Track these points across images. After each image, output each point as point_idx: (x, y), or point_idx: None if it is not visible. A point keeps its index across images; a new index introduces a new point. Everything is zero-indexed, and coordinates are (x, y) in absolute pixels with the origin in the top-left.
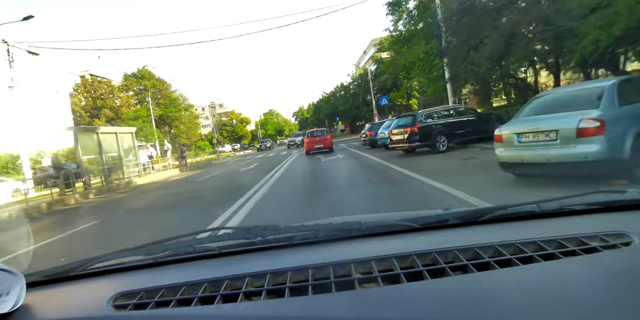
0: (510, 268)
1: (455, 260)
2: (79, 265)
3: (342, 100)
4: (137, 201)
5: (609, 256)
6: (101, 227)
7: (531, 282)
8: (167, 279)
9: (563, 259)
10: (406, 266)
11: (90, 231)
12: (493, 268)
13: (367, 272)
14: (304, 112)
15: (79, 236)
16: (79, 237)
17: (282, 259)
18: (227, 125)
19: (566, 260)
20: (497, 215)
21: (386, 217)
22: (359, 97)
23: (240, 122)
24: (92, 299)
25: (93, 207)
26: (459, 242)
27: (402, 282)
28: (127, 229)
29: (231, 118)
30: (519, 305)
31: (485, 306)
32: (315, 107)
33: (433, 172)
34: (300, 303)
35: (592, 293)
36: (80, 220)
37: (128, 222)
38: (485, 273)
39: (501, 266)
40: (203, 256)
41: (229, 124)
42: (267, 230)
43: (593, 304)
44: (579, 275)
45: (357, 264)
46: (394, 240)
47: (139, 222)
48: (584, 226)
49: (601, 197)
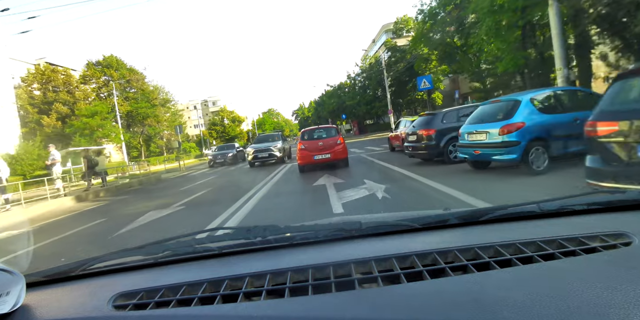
0: (510, 268)
1: (455, 260)
2: (79, 265)
3: (349, 95)
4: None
5: (609, 256)
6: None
7: (531, 282)
8: (167, 279)
9: (563, 259)
10: (406, 266)
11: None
12: (493, 268)
13: (367, 272)
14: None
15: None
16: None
17: (282, 259)
18: (218, 125)
19: (566, 260)
20: (497, 215)
21: (386, 217)
22: (369, 90)
23: (233, 121)
24: (92, 299)
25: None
26: (459, 242)
27: (402, 282)
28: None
29: (222, 116)
30: (519, 305)
31: (485, 306)
32: (316, 104)
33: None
34: (300, 303)
35: (592, 293)
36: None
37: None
38: (485, 273)
39: (501, 266)
40: (203, 256)
41: (219, 123)
42: (267, 231)
43: (593, 304)
44: (579, 275)
45: (357, 264)
46: (394, 240)
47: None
48: (584, 226)
49: (601, 197)
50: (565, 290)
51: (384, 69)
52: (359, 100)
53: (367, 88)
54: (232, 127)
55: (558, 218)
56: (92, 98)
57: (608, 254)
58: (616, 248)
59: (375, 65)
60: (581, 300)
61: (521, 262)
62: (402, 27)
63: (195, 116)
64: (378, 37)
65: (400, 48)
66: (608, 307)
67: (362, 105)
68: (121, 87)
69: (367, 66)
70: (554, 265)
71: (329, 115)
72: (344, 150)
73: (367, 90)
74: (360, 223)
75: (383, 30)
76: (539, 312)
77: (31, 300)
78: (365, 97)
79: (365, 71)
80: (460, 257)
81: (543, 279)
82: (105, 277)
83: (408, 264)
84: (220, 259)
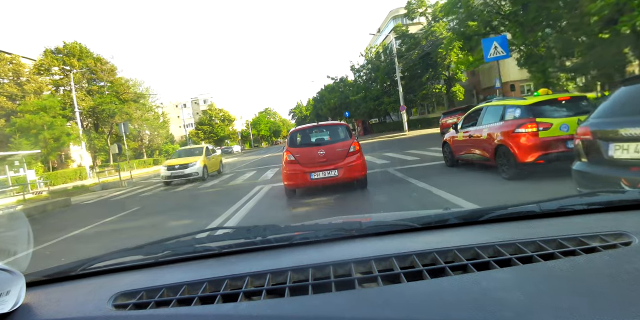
0: (510, 268)
1: (455, 259)
2: (79, 265)
3: (353, 89)
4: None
5: (609, 256)
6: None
7: (531, 282)
8: (167, 278)
9: (563, 258)
10: (406, 266)
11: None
12: (493, 268)
13: (367, 271)
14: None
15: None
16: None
17: (282, 258)
18: (205, 124)
19: (566, 260)
20: (497, 215)
21: (386, 217)
22: (376, 83)
23: (222, 120)
24: (92, 298)
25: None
26: (459, 241)
27: (402, 282)
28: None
29: (210, 115)
30: (519, 305)
31: (485, 306)
32: (315, 101)
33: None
34: (300, 303)
35: (592, 293)
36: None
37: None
38: (485, 273)
39: (501, 266)
40: (203, 256)
41: (206, 122)
42: (267, 230)
43: (593, 304)
44: (579, 275)
45: (357, 264)
46: (394, 240)
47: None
48: (584, 226)
49: (601, 197)
50: (565, 290)
51: (396, 56)
52: (364, 94)
53: (374, 81)
54: (221, 126)
55: (558, 218)
56: (48, 92)
57: (608, 253)
58: (616, 248)
59: (384, 54)
60: (581, 300)
61: (521, 262)
62: (415, 8)
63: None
64: (384, 25)
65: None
66: (608, 306)
67: (368, 100)
68: (84, 78)
69: (372, 56)
70: (554, 265)
71: (329, 112)
72: (361, 164)
73: (373, 83)
74: (360, 223)
75: (390, 16)
76: (538, 312)
77: (31, 299)
78: (372, 92)
79: (371, 62)
80: (460, 256)
81: (543, 279)
82: (105, 276)
83: (408, 264)
84: (220, 259)
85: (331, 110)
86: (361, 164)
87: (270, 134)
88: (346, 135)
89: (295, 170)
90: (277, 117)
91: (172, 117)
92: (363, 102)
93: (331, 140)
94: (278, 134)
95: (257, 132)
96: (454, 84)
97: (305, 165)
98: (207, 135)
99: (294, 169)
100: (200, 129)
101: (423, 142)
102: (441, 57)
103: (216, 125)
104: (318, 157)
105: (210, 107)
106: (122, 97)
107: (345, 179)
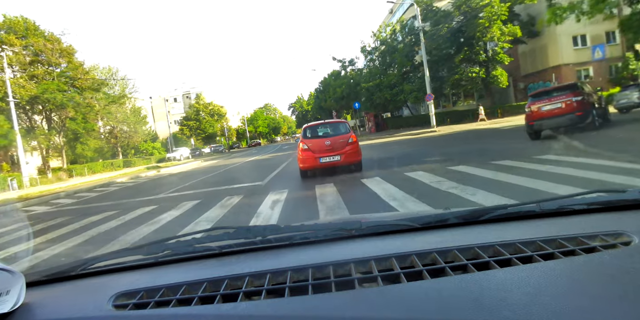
0: (510, 268)
1: (455, 259)
2: (79, 265)
3: (366, 74)
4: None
5: (609, 256)
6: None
7: (531, 282)
8: (167, 278)
9: (563, 258)
10: (406, 266)
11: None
12: (493, 268)
13: (367, 271)
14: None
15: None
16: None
17: (282, 258)
18: (191, 119)
19: (566, 260)
20: (497, 214)
21: (386, 217)
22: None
23: (211, 115)
24: (92, 298)
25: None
26: (459, 241)
27: (402, 282)
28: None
29: (197, 109)
30: (519, 305)
31: (485, 306)
32: (317, 91)
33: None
34: (300, 303)
35: (592, 293)
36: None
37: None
38: (485, 273)
39: (501, 266)
40: (203, 256)
41: (193, 117)
42: (267, 230)
43: (593, 304)
44: (579, 275)
45: (357, 264)
46: (393, 240)
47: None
48: (584, 226)
49: (601, 197)
50: (565, 290)
51: (421, 30)
52: (379, 81)
53: (390, 65)
54: (210, 122)
55: (558, 218)
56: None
57: (608, 253)
58: (616, 247)
59: (402, 34)
60: (581, 300)
61: (521, 262)
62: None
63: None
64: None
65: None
66: (608, 306)
67: (383, 88)
68: (25, 59)
69: (387, 36)
70: (554, 265)
71: (335, 104)
72: (357, 151)
73: (389, 68)
74: (360, 223)
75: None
76: (538, 312)
77: (31, 299)
78: (389, 78)
79: (386, 43)
80: (460, 256)
81: (543, 279)
82: (105, 276)
83: (408, 264)
84: (220, 259)
85: (337, 100)
86: (357, 151)
87: (269, 130)
88: (346, 130)
89: (308, 155)
90: (278, 113)
91: (163, 112)
92: (377, 91)
93: (334, 134)
94: (278, 131)
95: (255, 129)
96: (495, 67)
97: (315, 152)
98: (193, 132)
99: (307, 155)
100: (186, 125)
101: (487, 142)
102: (481, 31)
103: (204, 121)
104: (325, 146)
105: (198, 100)
106: (77, 85)
107: (345, 162)
